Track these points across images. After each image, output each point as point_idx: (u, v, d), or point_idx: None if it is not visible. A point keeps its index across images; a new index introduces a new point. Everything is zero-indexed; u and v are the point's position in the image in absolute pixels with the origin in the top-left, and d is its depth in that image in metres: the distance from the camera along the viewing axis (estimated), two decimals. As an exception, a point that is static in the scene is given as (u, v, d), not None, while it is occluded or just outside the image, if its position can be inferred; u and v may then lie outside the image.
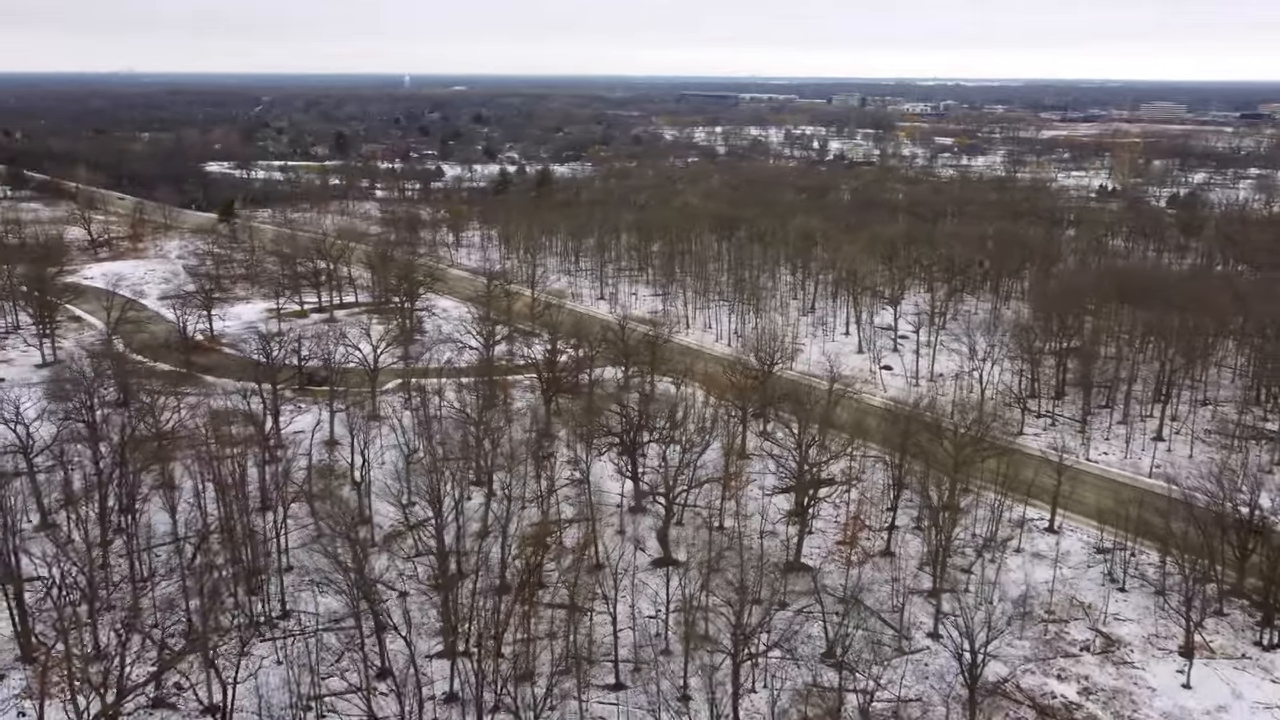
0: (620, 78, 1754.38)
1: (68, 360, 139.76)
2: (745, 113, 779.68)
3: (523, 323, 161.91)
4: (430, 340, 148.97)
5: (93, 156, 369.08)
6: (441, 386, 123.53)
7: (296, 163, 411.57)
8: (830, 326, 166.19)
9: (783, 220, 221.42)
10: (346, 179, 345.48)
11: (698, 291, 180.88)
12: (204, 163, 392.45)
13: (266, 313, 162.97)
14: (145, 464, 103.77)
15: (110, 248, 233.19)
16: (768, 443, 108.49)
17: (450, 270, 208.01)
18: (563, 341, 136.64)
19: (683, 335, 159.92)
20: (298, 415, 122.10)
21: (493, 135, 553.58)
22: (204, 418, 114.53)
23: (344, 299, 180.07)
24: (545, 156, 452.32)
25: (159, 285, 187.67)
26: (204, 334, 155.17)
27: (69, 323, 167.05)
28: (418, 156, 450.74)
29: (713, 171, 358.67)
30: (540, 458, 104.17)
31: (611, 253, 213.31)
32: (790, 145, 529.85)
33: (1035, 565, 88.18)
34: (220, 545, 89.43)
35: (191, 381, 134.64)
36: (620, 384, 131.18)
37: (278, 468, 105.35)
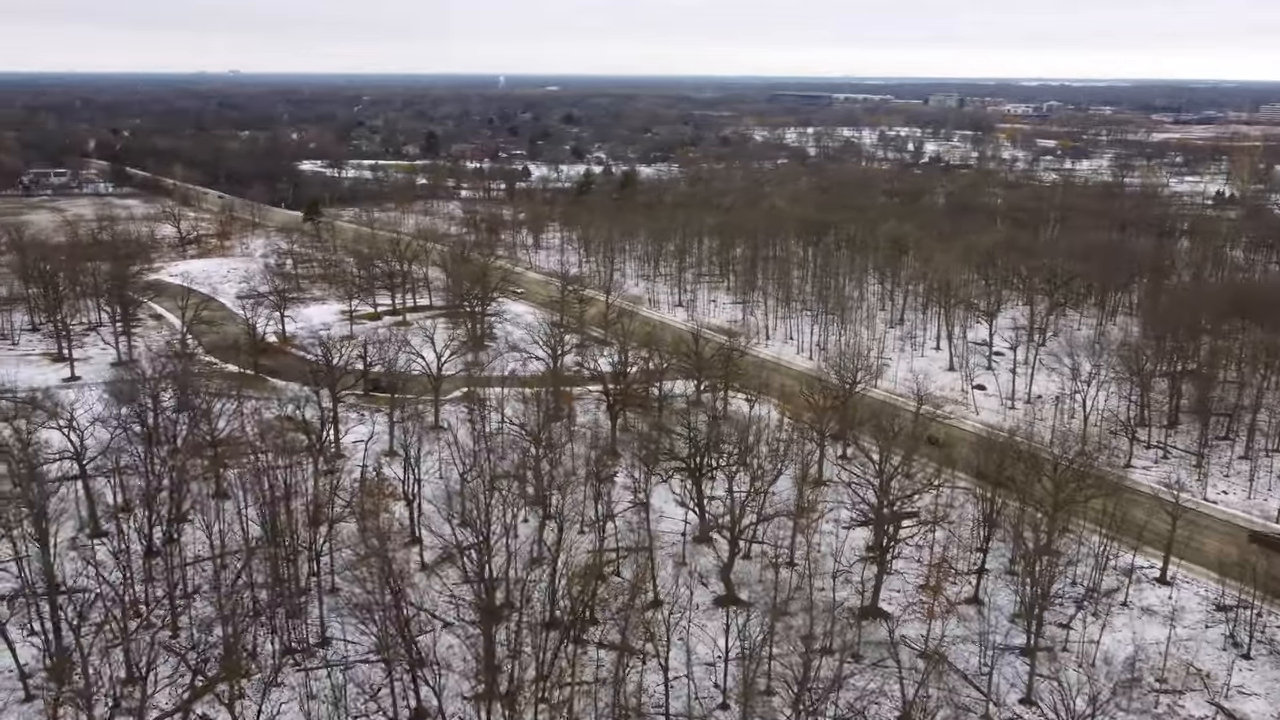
0: (712, 78, 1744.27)
1: (140, 359, 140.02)
2: (838, 113, 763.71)
3: (595, 330, 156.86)
4: (496, 350, 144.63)
5: (192, 154, 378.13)
6: (504, 397, 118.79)
7: (387, 162, 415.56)
8: (919, 341, 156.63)
9: (872, 225, 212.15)
10: (432, 178, 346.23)
11: (779, 300, 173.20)
12: (298, 161, 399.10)
13: (339, 315, 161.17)
14: (198, 473, 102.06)
15: (199, 245, 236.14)
16: (846, 469, 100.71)
17: (527, 273, 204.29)
18: (634, 352, 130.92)
19: (761, 347, 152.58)
20: (359, 423, 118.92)
21: (581, 135, 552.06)
22: (261, 425, 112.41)
23: (417, 301, 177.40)
24: (633, 157, 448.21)
25: (239, 284, 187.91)
26: (276, 335, 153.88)
27: (150, 320, 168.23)
28: (506, 156, 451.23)
29: (801, 174, 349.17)
30: (601, 479, 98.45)
31: (692, 258, 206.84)
32: (884, 147, 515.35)
33: (1145, 623, 78.77)
34: (265, 562, 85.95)
35: (257, 385, 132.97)
36: (692, 399, 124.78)
37: (330, 480, 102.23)
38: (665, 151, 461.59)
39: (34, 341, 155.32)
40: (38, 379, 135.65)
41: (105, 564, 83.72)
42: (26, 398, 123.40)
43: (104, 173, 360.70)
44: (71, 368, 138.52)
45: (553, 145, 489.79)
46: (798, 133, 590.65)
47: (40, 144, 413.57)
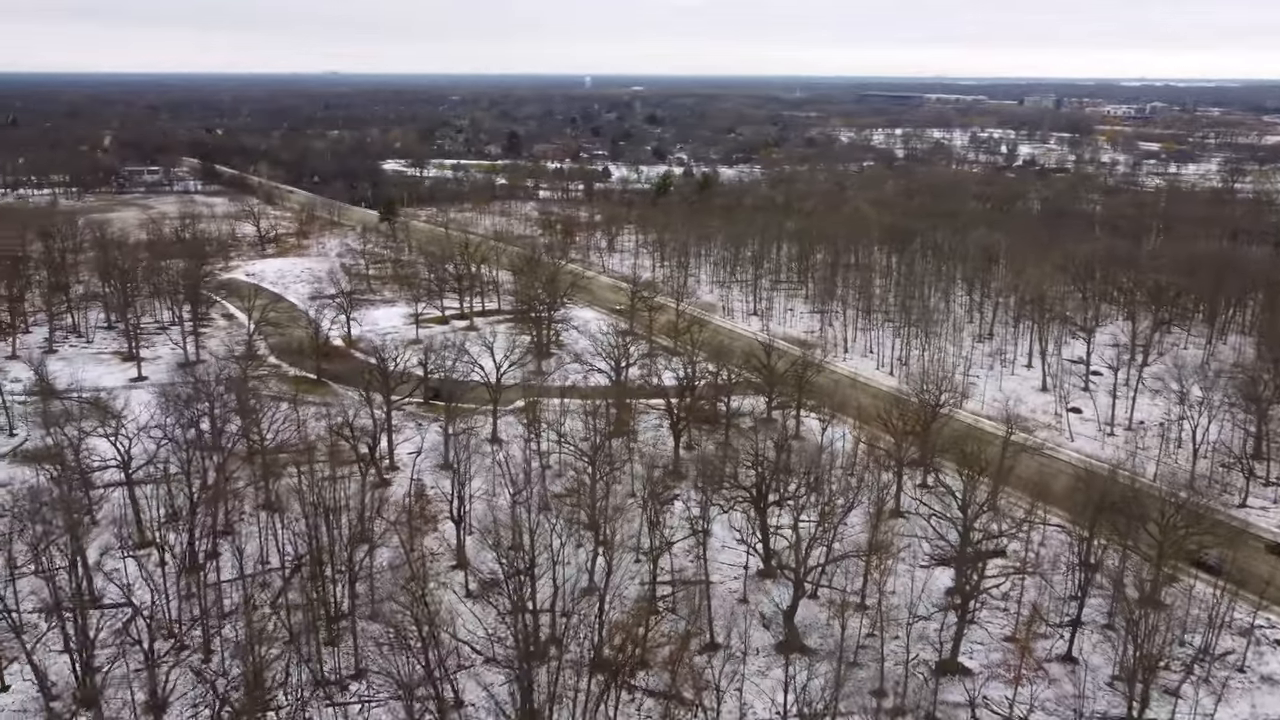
0: (800, 78, 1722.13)
1: (207, 361, 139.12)
2: (928, 114, 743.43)
3: (664, 339, 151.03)
4: (562, 358, 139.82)
5: (278, 153, 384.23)
6: (565, 409, 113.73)
7: (468, 161, 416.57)
8: (1009, 358, 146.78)
9: (961, 232, 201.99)
10: (511, 178, 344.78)
11: (860, 310, 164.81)
12: (382, 160, 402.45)
13: (407, 318, 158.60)
14: (248, 482, 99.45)
15: (278, 244, 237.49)
16: (925, 504, 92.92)
17: (598, 277, 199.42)
18: (703, 363, 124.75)
19: (839, 360, 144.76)
20: (417, 433, 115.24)
21: (664, 136, 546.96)
22: (315, 433, 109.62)
23: (485, 305, 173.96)
24: (715, 158, 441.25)
25: (311, 284, 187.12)
26: (342, 338, 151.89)
27: (221, 320, 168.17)
28: (587, 157, 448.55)
29: (888, 177, 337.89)
30: (661, 502, 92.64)
31: (769, 263, 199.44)
32: (975, 149, 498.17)
33: (1266, 693, 69.70)
34: (305, 583, 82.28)
35: (319, 390, 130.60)
36: (761, 417, 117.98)
37: (377, 496, 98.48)
38: (748, 152, 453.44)
39: (108, 340, 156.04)
40: (106, 379, 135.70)
41: (145, 578, 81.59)
42: (89, 398, 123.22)
43: (194, 170, 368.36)
44: (139, 368, 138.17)
45: (634, 146, 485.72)
46: (885, 134, 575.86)
47: (137, 142, 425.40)
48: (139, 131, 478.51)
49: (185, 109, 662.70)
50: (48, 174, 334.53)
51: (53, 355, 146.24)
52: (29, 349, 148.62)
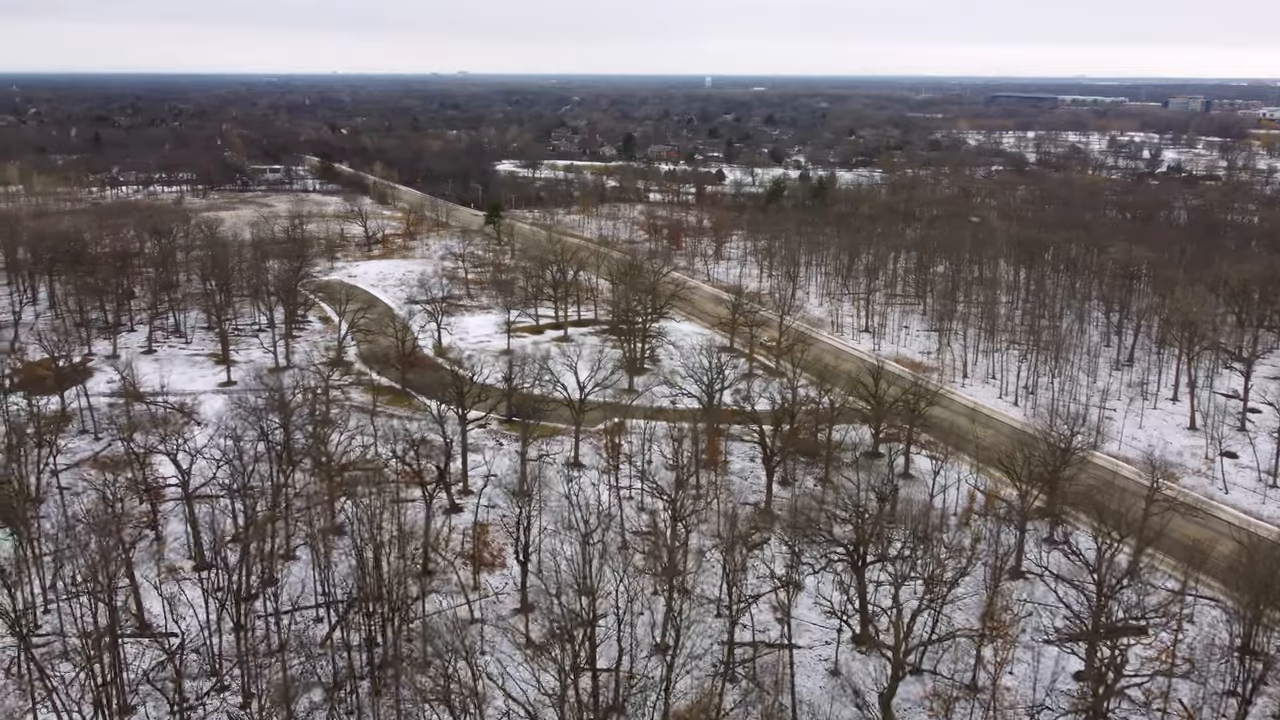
0: (926, 78, 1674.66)
1: (296, 366, 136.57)
2: (1063, 116, 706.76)
3: (766, 356, 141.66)
4: (655, 375, 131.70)
5: (395, 153, 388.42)
6: (650, 435, 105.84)
7: (581, 162, 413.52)
8: (1152, 390, 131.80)
9: (1098, 246, 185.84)
10: (623, 180, 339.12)
11: (983, 330, 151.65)
12: (497, 161, 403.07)
13: (500, 326, 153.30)
14: (315, 503, 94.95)
15: (384, 245, 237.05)
16: (1053, 559, 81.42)
17: (702, 287, 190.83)
18: (805, 387, 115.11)
19: (957, 386, 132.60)
20: (498, 453, 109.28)
21: (781, 138, 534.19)
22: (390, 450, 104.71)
23: (581, 315, 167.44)
24: (833, 161, 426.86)
25: (410, 288, 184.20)
26: (433, 346, 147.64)
27: (319, 323, 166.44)
28: (701, 159, 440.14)
29: (1018, 183, 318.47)
30: (747, 547, 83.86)
31: (885, 276, 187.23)
32: (1114, 154, 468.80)
33: None
34: (363, 618, 76.63)
35: (403, 402, 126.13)
36: (866, 451, 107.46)
37: (447, 521, 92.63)
38: (868, 156, 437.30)
39: (206, 341, 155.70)
40: (197, 381, 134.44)
41: (196, 603, 77.61)
42: (173, 404, 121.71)
43: (314, 169, 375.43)
44: (228, 372, 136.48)
45: (751, 148, 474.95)
46: (1016, 137, 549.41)
47: (262, 141, 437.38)
48: (264, 130, 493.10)
49: (309, 109, 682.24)
50: (176, 172, 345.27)
51: (150, 356, 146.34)
52: (130, 348, 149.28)
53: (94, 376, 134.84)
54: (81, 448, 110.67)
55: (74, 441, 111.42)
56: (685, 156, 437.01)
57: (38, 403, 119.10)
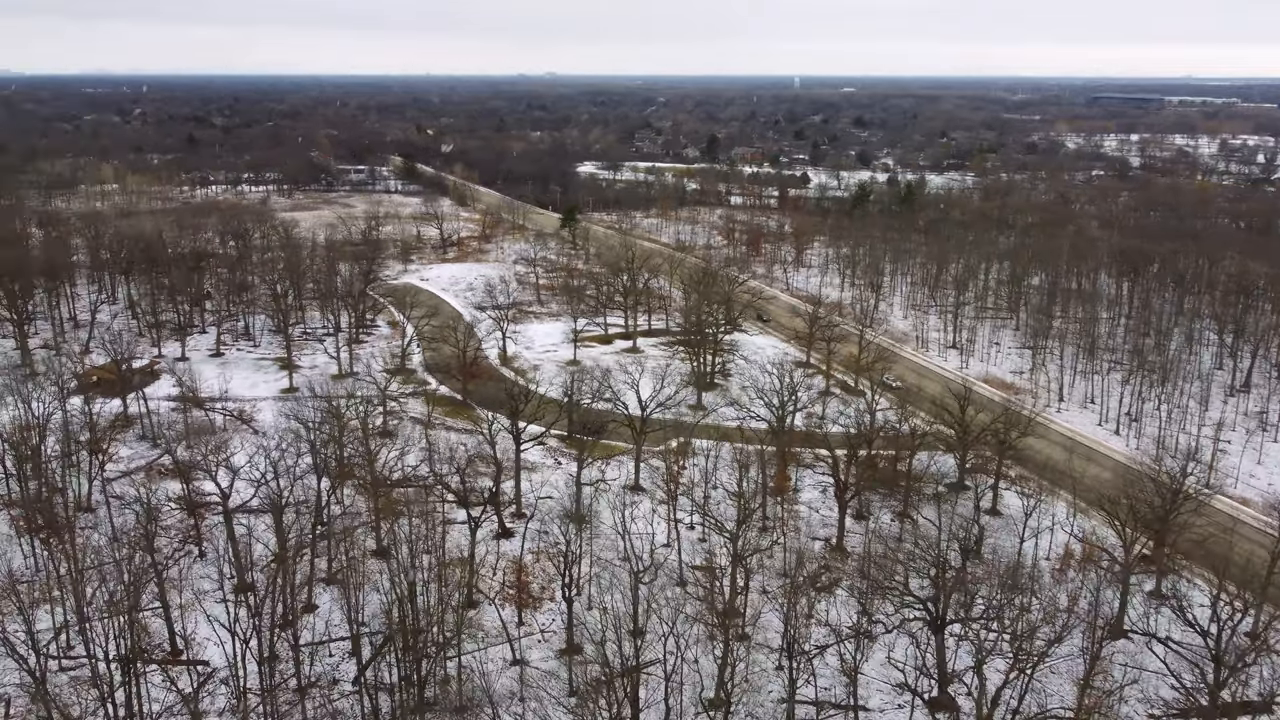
0: (1023, 79, 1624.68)
1: (361, 374, 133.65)
2: (1169, 118, 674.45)
3: (846, 373, 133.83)
4: (726, 391, 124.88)
5: (477, 154, 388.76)
6: (716, 457, 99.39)
7: (664, 164, 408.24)
8: (1271, 420, 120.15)
9: (1209, 259, 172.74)
10: (704, 183, 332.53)
11: (1081, 349, 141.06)
12: (578, 163, 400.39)
13: (569, 335, 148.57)
14: (360, 522, 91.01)
15: (459, 247, 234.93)
16: (1161, 617, 72.56)
17: (780, 296, 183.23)
18: (886, 410, 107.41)
19: (1052, 410, 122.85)
20: (555, 473, 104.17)
21: (870, 140, 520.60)
22: (447, 465, 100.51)
23: (652, 324, 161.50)
24: (923, 165, 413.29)
25: (482, 293, 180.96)
26: (499, 355, 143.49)
27: (387, 328, 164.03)
28: (787, 161, 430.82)
29: (1120, 189, 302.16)
30: (817, 588, 77.07)
31: (976, 288, 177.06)
32: (1226, 159, 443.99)
33: None
34: (399, 655, 72.09)
35: (464, 414, 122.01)
36: (952, 483, 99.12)
37: (497, 546, 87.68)
38: (960, 159, 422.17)
39: (274, 345, 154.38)
40: (259, 387, 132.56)
41: (231, 629, 73.97)
42: (233, 411, 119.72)
43: (397, 170, 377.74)
44: (290, 378, 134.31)
45: (838, 150, 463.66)
46: (1119, 140, 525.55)
47: (349, 142, 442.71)
48: (352, 131, 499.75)
49: (398, 110, 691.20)
50: (263, 172, 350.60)
51: (218, 359, 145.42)
52: (199, 351, 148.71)
53: (160, 380, 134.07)
54: (140, 454, 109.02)
55: (133, 448, 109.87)
56: (769, 159, 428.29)
57: (96, 407, 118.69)
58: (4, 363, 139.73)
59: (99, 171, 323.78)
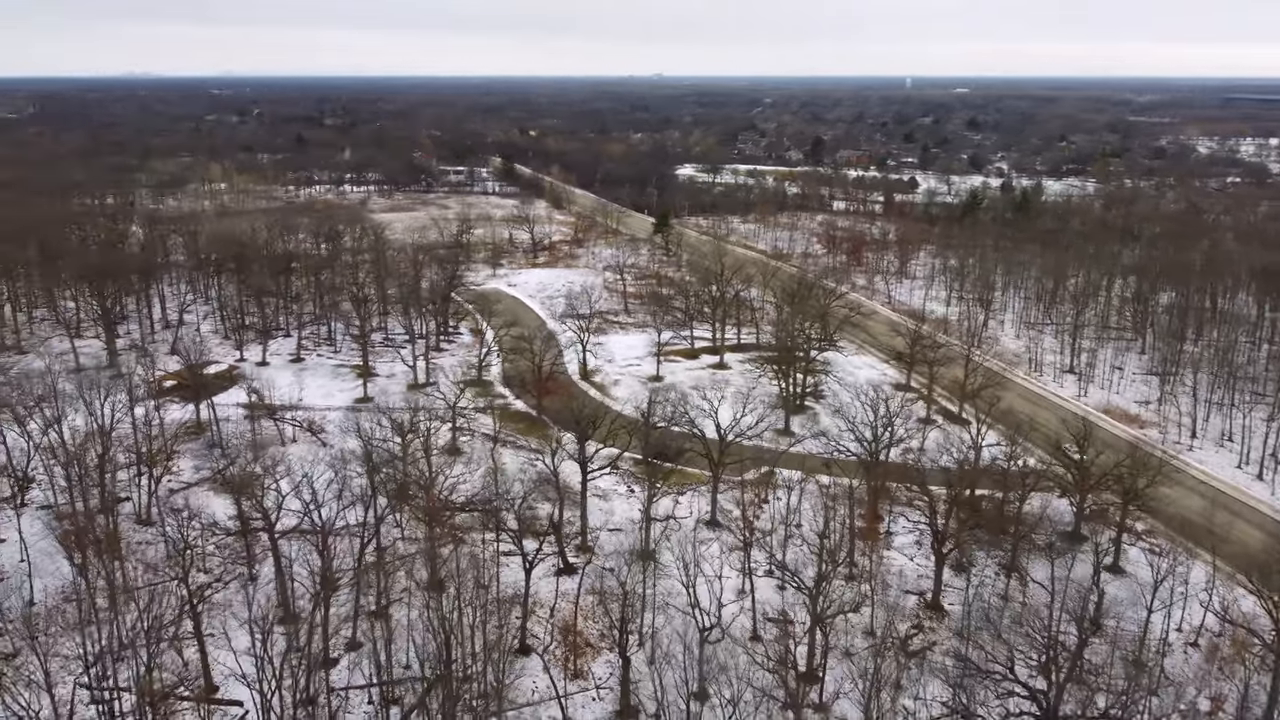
0: (1153, 79, 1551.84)
1: (437, 385, 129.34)
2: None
3: (949, 399, 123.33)
4: (808, 423, 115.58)
5: (578, 155, 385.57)
6: (802, 490, 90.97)
7: (766, 167, 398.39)
8: None
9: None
10: (805, 187, 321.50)
11: (1217, 377, 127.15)
12: (678, 165, 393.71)
13: (651, 348, 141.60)
14: (415, 550, 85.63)
15: (550, 252, 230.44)
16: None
17: (880, 310, 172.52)
18: (994, 445, 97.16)
19: (1183, 448, 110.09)
20: (627, 500, 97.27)
21: (983, 143, 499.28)
22: (510, 490, 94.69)
23: (741, 338, 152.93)
24: (1040, 170, 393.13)
25: (569, 300, 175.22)
26: (579, 367, 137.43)
27: (469, 336, 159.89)
28: (894, 165, 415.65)
29: (1259, 198, 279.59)
30: (907, 654, 68.31)
31: (1097, 306, 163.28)
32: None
33: None
34: (442, 706, 66.19)
35: (537, 431, 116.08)
36: (1066, 531, 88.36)
37: (556, 584, 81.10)
38: (1081, 164, 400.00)
39: (355, 351, 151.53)
40: (334, 396, 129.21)
41: (264, 666, 69.28)
42: (303, 421, 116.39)
43: (495, 171, 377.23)
44: (365, 388, 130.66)
45: (949, 153, 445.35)
46: (1256, 145, 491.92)
47: (451, 143, 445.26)
48: (455, 132, 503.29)
49: (501, 110, 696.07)
50: (365, 172, 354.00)
51: (298, 364, 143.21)
52: (280, 355, 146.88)
53: (238, 385, 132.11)
54: (207, 465, 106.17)
55: (200, 458, 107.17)
56: (876, 162, 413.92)
57: (169, 413, 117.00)
58: (92, 363, 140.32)
59: (208, 170, 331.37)
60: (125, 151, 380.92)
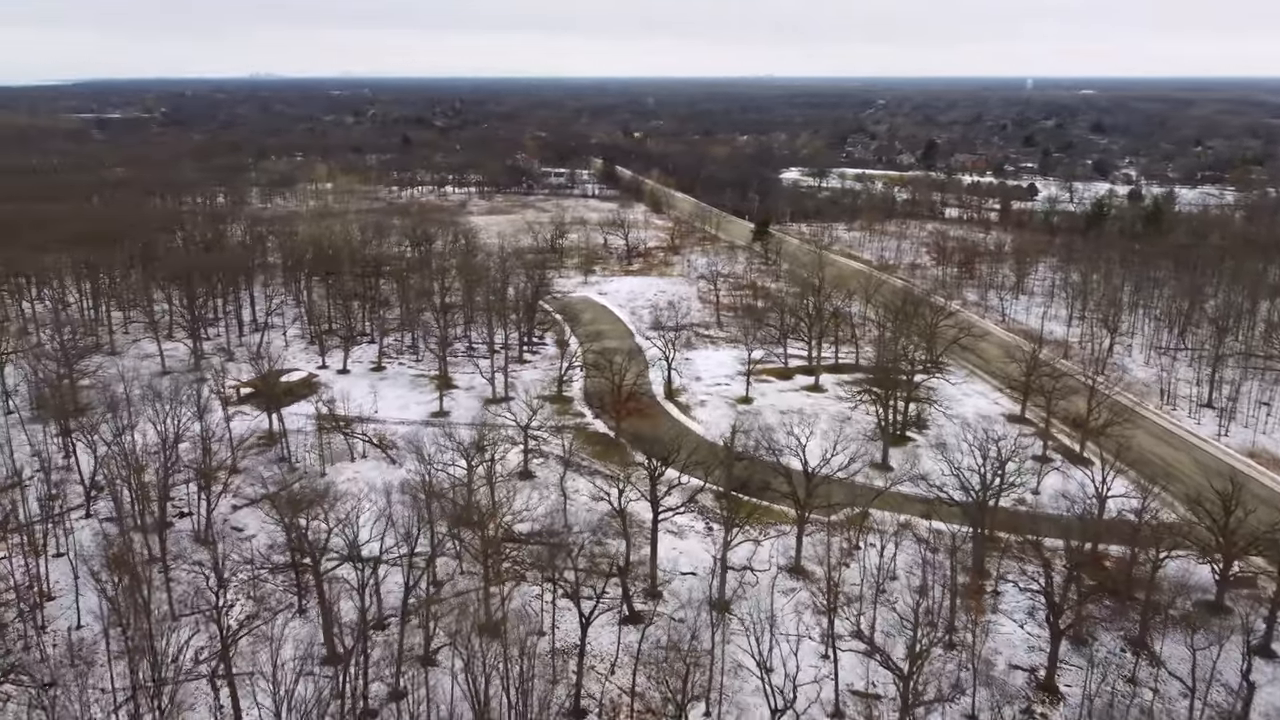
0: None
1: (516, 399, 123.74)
2: None
3: (1070, 434, 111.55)
4: (909, 460, 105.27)
5: (680, 158, 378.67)
6: (896, 544, 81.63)
7: (875, 171, 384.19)
8: None
9: None
10: (915, 193, 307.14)
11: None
12: (783, 168, 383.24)
13: (741, 366, 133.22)
14: (453, 594, 79.34)
15: (645, 259, 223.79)
16: None
17: (994, 331, 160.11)
18: (1123, 495, 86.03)
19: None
20: (705, 539, 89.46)
21: (1110, 148, 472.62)
22: (578, 523, 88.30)
23: (839, 358, 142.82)
24: (1173, 177, 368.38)
25: (660, 311, 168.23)
26: (664, 386, 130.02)
27: (554, 347, 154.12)
28: (1012, 170, 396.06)
29: None
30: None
31: (1242, 331, 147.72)
32: None
33: None
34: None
35: (614, 455, 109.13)
36: (1206, 603, 76.75)
37: (620, 635, 73.83)
38: (1218, 171, 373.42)
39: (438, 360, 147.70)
40: (411, 409, 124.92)
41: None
42: (374, 437, 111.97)
43: (596, 173, 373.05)
44: (440, 401, 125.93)
45: (1072, 159, 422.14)
46: None
47: (557, 144, 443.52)
48: (561, 133, 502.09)
49: (609, 111, 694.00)
50: (467, 173, 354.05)
51: (378, 373, 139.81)
52: (362, 363, 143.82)
53: (316, 393, 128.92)
54: (274, 480, 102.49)
55: (269, 472, 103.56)
56: (993, 167, 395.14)
57: (243, 423, 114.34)
58: (179, 366, 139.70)
59: (314, 171, 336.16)
60: (240, 151, 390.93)
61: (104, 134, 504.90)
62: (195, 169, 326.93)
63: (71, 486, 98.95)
